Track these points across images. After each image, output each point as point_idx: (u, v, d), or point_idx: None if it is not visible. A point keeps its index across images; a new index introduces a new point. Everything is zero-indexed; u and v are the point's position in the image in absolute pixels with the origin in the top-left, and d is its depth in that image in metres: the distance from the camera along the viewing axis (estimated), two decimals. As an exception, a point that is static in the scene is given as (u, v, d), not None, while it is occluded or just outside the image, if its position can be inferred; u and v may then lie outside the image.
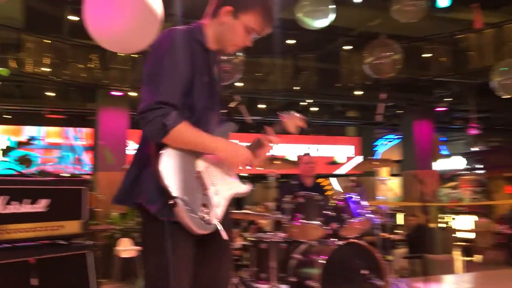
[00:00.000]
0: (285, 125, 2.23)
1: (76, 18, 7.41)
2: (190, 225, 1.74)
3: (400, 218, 13.72)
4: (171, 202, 1.69)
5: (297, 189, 4.60)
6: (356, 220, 4.25)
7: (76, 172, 10.40)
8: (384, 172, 17.11)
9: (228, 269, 2.05)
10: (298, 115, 2.28)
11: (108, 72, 8.76)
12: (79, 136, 11.53)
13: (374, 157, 16.28)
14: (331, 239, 4.21)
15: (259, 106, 12.51)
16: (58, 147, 11.30)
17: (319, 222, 4.16)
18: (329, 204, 4.43)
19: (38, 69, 8.05)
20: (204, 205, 1.80)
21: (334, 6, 5.66)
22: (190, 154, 1.83)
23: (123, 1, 3.93)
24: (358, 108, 13.67)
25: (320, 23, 5.71)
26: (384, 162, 5.85)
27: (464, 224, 12.44)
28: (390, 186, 17.17)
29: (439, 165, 14.09)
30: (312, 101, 12.14)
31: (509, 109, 11.67)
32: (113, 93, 9.46)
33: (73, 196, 2.32)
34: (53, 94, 10.46)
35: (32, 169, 9.37)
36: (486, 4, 7.38)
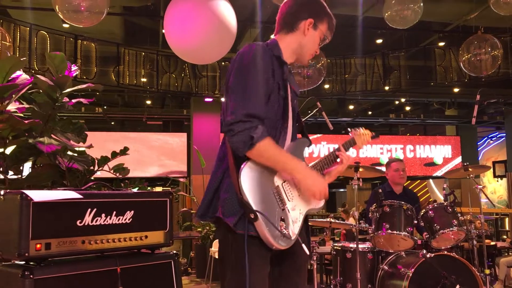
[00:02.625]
0: (356, 141, 2.22)
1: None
2: (269, 239, 1.73)
3: (507, 224, 12.67)
4: (251, 215, 1.70)
5: (386, 197, 4.43)
6: (448, 230, 4.00)
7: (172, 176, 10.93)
8: (487, 175, 15.97)
9: (305, 285, 2.03)
10: (367, 131, 2.26)
11: (200, 79, 9.13)
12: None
13: (476, 158, 15.26)
14: (421, 250, 4.00)
15: (350, 107, 12.29)
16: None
17: (405, 233, 3.97)
18: (420, 212, 4.23)
19: (135, 80, 8.63)
20: (283, 220, 1.80)
21: (421, 4, 5.37)
22: (269, 169, 1.84)
23: (200, 17, 4.11)
24: (458, 106, 12.87)
25: (408, 22, 5.46)
26: (481, 168, 5.42)
27: None
28: (494, 189, 15.93)
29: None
30: (405, 100, 11.65)
31: None
32: (206, 99, 9.83)
33: (158, 207, 2.43)
34: (150, 102, 11.14)
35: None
36: None
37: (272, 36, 2.10)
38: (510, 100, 11.53)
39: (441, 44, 8.86)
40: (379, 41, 8.75)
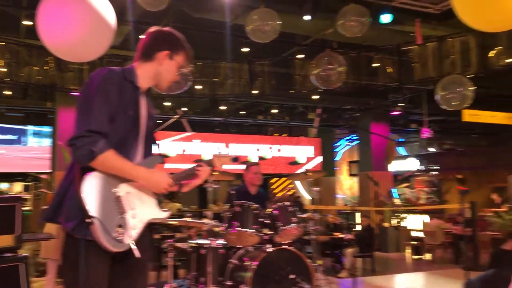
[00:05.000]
0: (214, 162, 2.49)
1: (31, 23, 7.46)
2: (103, 243, 1.96)
3: (358, 218, 14.17)
4: (88, 220, 1.91)
5: (241, 197, 4.88)
6: (289, 227, 4.54)
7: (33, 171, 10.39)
8: (344, 173, 17.65)
9: (144, 284, 2.27)
10: (225, 153, 2.57)
11: (66, 73, 8.82)
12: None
13: (334, 158, 16.83)
14: (265, 245, 4.48)
15: (221, 107, 12.76)
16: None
17: (253, 230, 4.43)
18: (266, 211, 4.71)
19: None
20: (120, 226, 2.02)
21: (280, 22, 5.92)
22: (115, 179, 2.06)
23: (75, 12, 4.02)
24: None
25: (268, 37, 5.96)
26: (317, 172, 6.16)
27: (416, 224, 12.96)
28: (350, 186, 17.70)
29: (394, 166, 14.61)
30: (273, 103, 12.45)
31: (460, 113, 12.26)
32: (73, 93, 9.50)
33: (5, 211, 2.46)
34: (11, 93, 10.43)
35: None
36: (429, 18, 7.80)
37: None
38: (363, 107, 12.97)
39: (300, 56, 9.70)
40: (246, 49, 9.28)
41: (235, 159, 2.66)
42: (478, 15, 3.79)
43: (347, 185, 18.05)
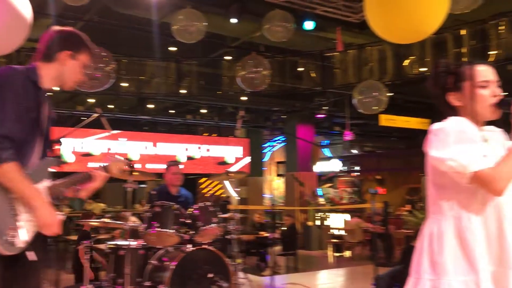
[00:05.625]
0: (109, 168, 2.45)
1: None
2: None
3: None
4: None
5: (162, 197, 4.87)
6: (209, 227, 4.61)
7: None
8: (272, 173, 17.99)
9: (38, 285, 2.21)
10: (121, 158, 2.52)
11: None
12: None
13: (263, 159, 17.12)
14: (185, 245, 4.52)
15: (149, 106, 12.57)
16: None
17: (173, 230, 4.45)
18: (186, 212, 4.75)
19: None
20: (12, 229, 1.98)
21: (206, 24, 5.98)
22: None
23: None
24: (249, 111, 14.27)
25: (194, 38, 6.00)
26: (239, 173, 6.30)
27: (338, 222, 13.52)
28: (277, 186, 18.09)
29: (319, 167, 15.13)
30: (202, 102, 12.46)
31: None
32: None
33: None
34: None
35: None
36: (351, 27, 8.20)
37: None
38: (290, 109, 13.33)
39: (228, 58, 9.82)
40: (174, 48, 9.24)
41: (130, 165, 2.64)
42: (388, 27, 4.07)
43: (274, 185, 18.42)
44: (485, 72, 1.78)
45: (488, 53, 7.76)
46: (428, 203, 1.82)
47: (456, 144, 1.64)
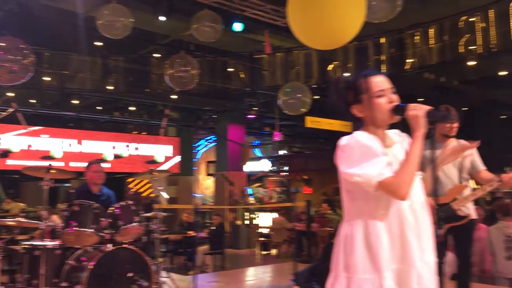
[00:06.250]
0: None
1: None
2: None
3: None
4: None
5: (83, 196, 4.74)
6: (130, 226, 4.57)
7: None
8: (202, 173, 17.97)
9: None
10: None
11: None
12: None
13: (194, 158, 17.06)
14: (105, 244, 4.45)
15: (74, 101, 12.13)
16: None
17: (92, 230, 4.37)
18: (107, 211, 4.67)
19: None
20: None
21: (133, 20, 5.90)
22: None
23: None
24: (179, 110, 14.16)
25: (120, 34, 5.90)
26: (164, 172, 6.29)
27: (266, 221, 13.78)
28: (208, 185, 18.11)
29: (249, 167, 15.34)
30: (131, 100, 12.22)
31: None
32: None
33: None
34: None
35: None
36: (280, 30, 8.41)
37: None
38: (221, 109, 13.40)
39: (157, 55, 9.71)
40: (100, 43, 9.00)
41: (4, 155, 2.60)
42: (308, 33, 4.26)
43: (205, 184, 18.42)
44: (379, 82, 1.94)
45: (406, 61, 8.28)
46: (343, 208, 1.99)
47: (361, 158, 1.82)
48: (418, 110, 1.84)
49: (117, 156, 13.28)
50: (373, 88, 1.92)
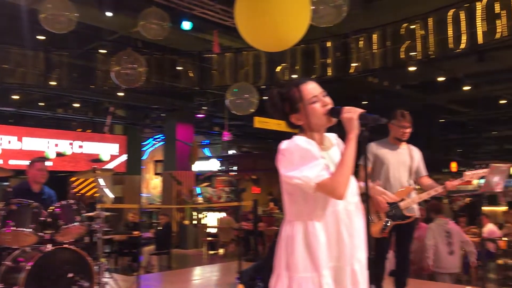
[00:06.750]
0: None
1: None
2: None
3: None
4: None
5: (22, 195, 4.58)
6: (72, 225, 4.46)
7: None
8: (150, 172, 17.71)
9: None
10: None
11: None
12: None
13: (142, 157, 16.77)
14: (44, 245, 4.32)
15: (14, 97, 11.62)
16: None
17: (30, 229, 4.23)
18: (47, 210, 4.53)
19: None
20: None
21: (77, 14, 5.75)
22: None
23: None
24: (125, 107, 13.88)
25: (63, 28, 5.73)
26: (107, 171, 6.18)
27: (214, 221, 13.78)
28: (156, 184, 17.85)
29: (198, 166, 15.27)
30: (76, 96, 11.84)
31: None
32: None
33: None
34: None
35: None
36: (230, 30, 8.44)
37: None
38: (169, 108, 13.25)
39: (104, 51, 9.49)
40: (43, 37, 8.68)
41: None
42: (254, 35, 4.32)
43: (152, 184, 18.14)
44: (311, 89, 2.01)
45: (351, 64, 8.54)
46: (284, 208, 2.07)
47: (300, 161, 1.89)
48: (352, 113, 1.92)
49: (59, 154, 12.83)
50: (306, 96, 1.99)
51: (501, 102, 13.81)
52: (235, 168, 16.69)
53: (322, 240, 1.92)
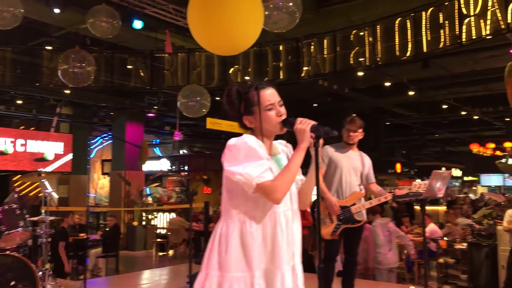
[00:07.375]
0: None
1: None
2: None
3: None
4: None
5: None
6: (14, 231, 4.28)
7: None
8: (97, 171, 17.23)
9: None
10: None
11: None
12: None
13: (89, 156, 16.27)
14: (-16, 251, 4.13)
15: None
16: None
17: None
18: (-12, 215, 4.33)
19: None
20: None
21: (23, 10, 5.50)
22: None
23: None
24: (73, 105, 13.42)
25: (8, 24, 5.47)
26: (53, 174, 5.97)
27: (164, 222, 13.61)
28: (103, 185, 17.39)
29: (148, 166, 15.02)
30: (19, 93, 11.32)
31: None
32: None
33: None
34: None
35: None
36: (183, 30, 8.37)
37: None
38: (119, 106, 12.94)
39: (50, 48, 9.14)
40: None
41: None
42: (206, 39, 4.30)
43: (100, 184, 17.66)
44: (269, 96, 2.03)
45: (303, 68, 8.68)
46: (221, 206, 2.04)
47: (246, 159, 1.89)
48: (304, 124, 1.95)
49: (1, 153, 12.24)
50: (263, 102, 2.00)
51: (443, 106, 14.50)
52: (186, 168, 16.53)
53: (257, 241, 1.92)
